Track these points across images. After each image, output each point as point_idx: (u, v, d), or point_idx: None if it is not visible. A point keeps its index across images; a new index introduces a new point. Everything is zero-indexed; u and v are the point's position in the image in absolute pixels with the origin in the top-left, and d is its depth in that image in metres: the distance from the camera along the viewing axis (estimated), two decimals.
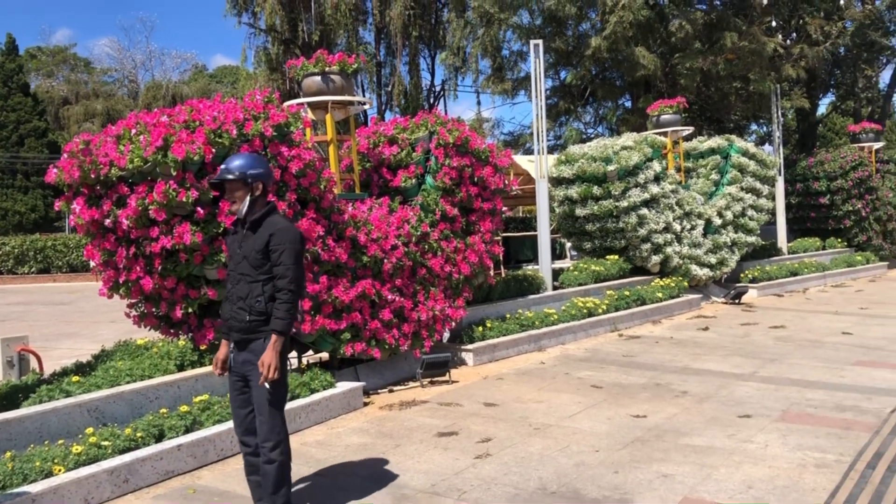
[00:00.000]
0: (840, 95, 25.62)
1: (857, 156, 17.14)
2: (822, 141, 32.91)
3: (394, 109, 27.53)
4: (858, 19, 19.89)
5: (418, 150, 8.37)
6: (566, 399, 6.85)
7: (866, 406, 6.36)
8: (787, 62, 17.52)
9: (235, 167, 4.08)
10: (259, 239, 4.03)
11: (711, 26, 17.10)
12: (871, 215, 17.40)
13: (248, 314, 3.99)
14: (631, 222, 11.96)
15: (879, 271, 17.31)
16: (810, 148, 22.71)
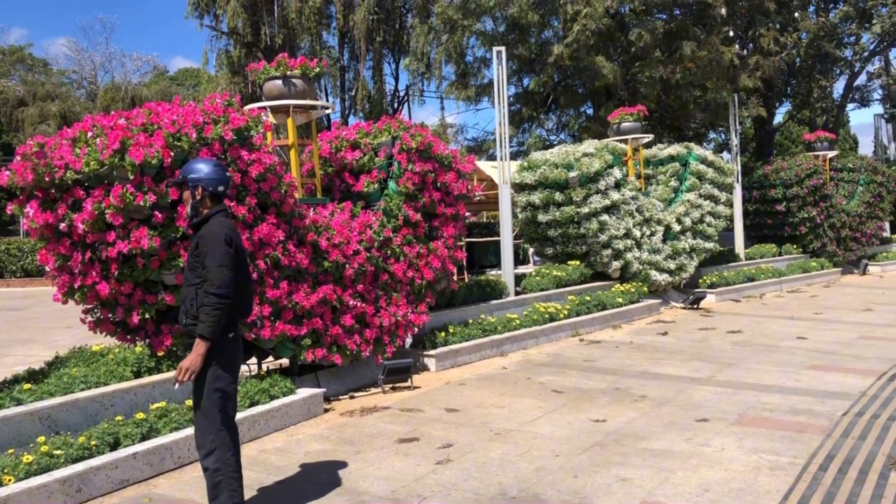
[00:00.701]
0: (796, 105, 26.18)
1: (812, 164, 17.52)
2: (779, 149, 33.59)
3: (357, 114, 27.48)
4: (812, 31, 20.37)
5: (381, 155, 8.35)
6: (527, 404, 6.89)
7: (819, 409, 6.49)
8: (745, 72, 17.86)
9: (183, 171, 4.20)
10: (193, 244, 4.09)
11: (671, 36, 17.37)
12: (826, 222, 17.79)
13: (185, 317, 4.05)
14: (592, 228, 12.07)
15: (833, 277, 17.70)
16: (767, 156, 23.16)
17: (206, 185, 4.13)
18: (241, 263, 4.10)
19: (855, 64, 23.92)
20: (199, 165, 4.18)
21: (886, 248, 20.67)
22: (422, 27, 19.48)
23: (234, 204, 6.23)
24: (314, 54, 24.96)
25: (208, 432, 4.01)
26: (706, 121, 20.49)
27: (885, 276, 18.56)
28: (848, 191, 19.03)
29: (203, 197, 4.14)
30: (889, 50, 25.04)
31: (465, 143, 22.58)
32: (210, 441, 4.00)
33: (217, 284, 3.90)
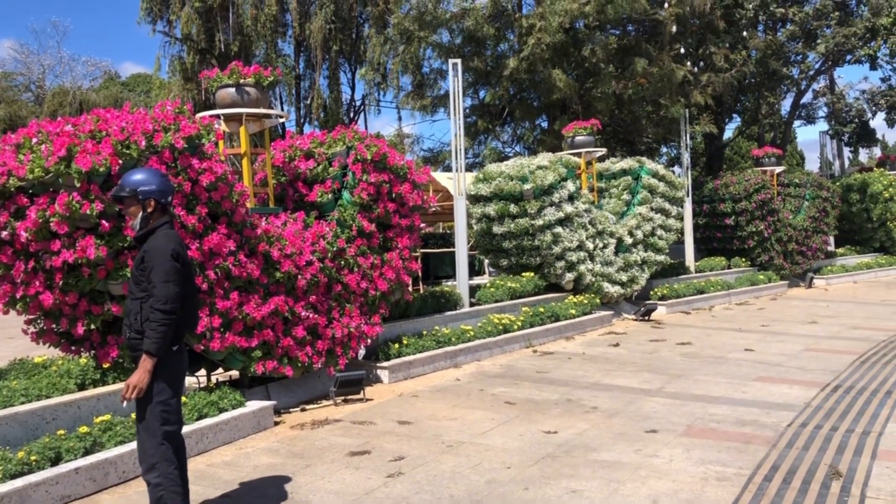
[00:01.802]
0: (745, 121, 26.79)
1: (760, 179, 17.93)
2: (729, 164, 34.39)
3: (313, 122, 27.31)
4: (761, 49, 20.89)
5: (335, 165, 8.31)
6: (480, 416, 6.89)
7: (765, 420, 6.62)
8: (696, 88, 18.23)
9: (128, 183, 4.07)
10: (139, 256, 4.03)
11: (624, 52, 17.65)
12: (773, 236, 18.20)
13: (129, 331, 3.99)
14: (546, 240, 12.17)
15: (780, 290, 18.11)
16: (717, 170, 23.63)
17: (157, 198, 4.09)
18: (187, 277, 4.05)
19: (801, 82, 24.60)
20: (148, 177, 4.10)
21: (831, 262, 21.23)
22: (378, 37, 19.47)
23: (184, 213, 6.13)
24: (269, 62, 24.77)
25: (150, 446, 3.96)
26: (658, 135, 20.83)
27: (830, 289, 19.06)
28: (794, 206, 19.51)
29: (154, 209, 4.09)
30: (833, 69, 25.82)
31: (421, 154, 22.60)
32: (152, 455, 3.94)
33: (163, 300, 3.85)
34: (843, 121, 25.80)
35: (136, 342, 3.94)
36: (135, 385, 3.83)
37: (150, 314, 3.86)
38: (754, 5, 20.68)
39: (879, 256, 22.76)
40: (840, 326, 12.34)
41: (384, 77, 23.38)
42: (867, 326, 12.26)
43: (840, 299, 16.48)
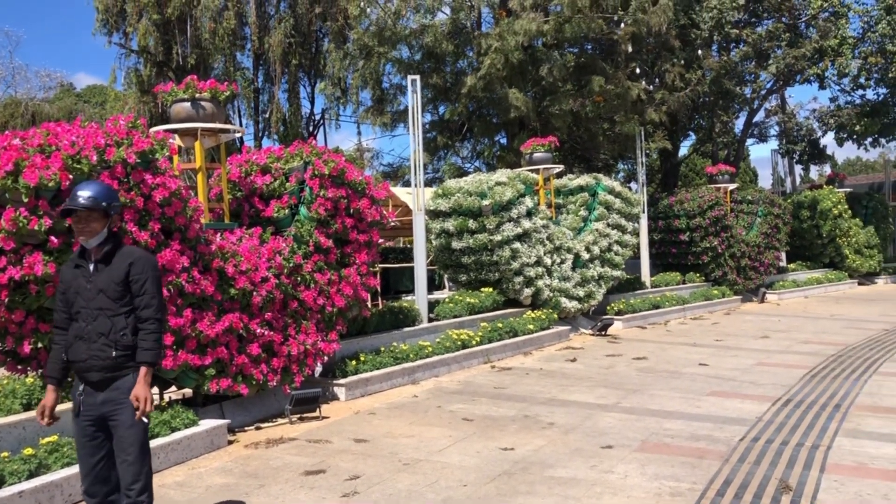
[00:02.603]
0: (700, 139, 27.35)
1: (714, 196, 18.27)
2: (684, 180, 34.95)
3: (272, 136, 27.13)
4: (715, 69, 21.36)
5: (292, 181, 8.26)
6: (437, 433, 6.87)
7: (718, 435, 6.71)
8: (651, 106, 18.55)
9: (94, 195, 3.88)
10: (117, 270, 3.89)
11: (581, 70, 17.90)
12: (727, 252, 18.54)
13: (114, 350, 3.82)
14: (504, 256, 12.22)
15: (734, 304, 18.43)
16: (672, 187, 24.04)
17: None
18: None
19: (754, 101, 25.19)
20: (112, 191, 4.02)
21: (783, 277, 21.69)
22: (338, 52, 19.47)
23: (136, 229, 6.03)
24: (228, 75, 24.57)
25: (144, 465, 3.88)
26: (615, 152, 21.14)
27: (782, 303, 19.45)
28: (747, 222, 19.92)
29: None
30: (784, 89, 26.52)
31: (381, 169, 22.58)
32: (146, 475, 3.88)
33: (162, 310, 3.95)
34: (794, 139, 26.47)
35: (121, 359, 3.84)
36: (145, 396, 3.80)
37: (145, 325, 3.87)
38: (709, 26, 21.15)
39: (829, 272, 23.31)
40: (791, 341, 12.60)
41: (344, 92, 23.36)
42: (817, 341, 12.53)
43: (791, 314, 16.83)
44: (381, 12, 17.49)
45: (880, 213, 25.48)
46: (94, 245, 3.90)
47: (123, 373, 3.85)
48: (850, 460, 5.97)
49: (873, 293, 21.92)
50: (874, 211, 25.24)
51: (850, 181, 31.47)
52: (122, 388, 3.85)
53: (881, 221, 25.36)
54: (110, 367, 3.84)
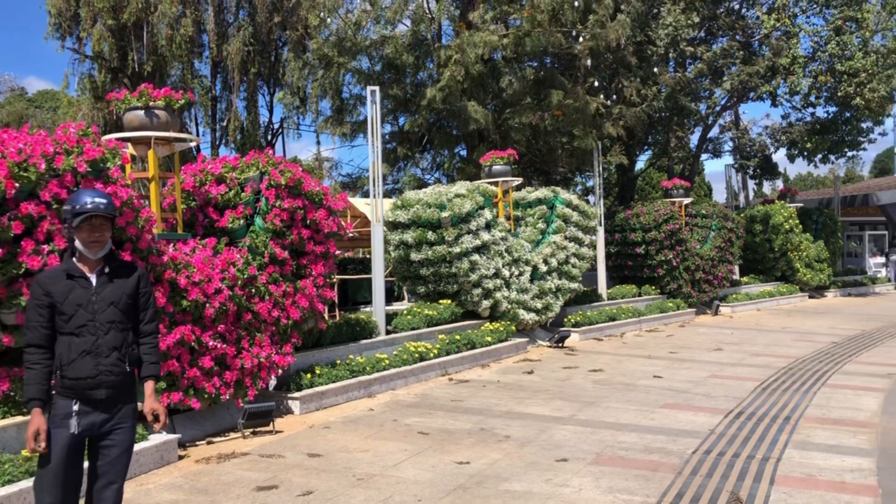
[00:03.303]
0: (656, 153, 27.74)
1: (669, 210, 18.55)
2: (641, 194, 35.44)
3: (229, 145, 26.84)
4: (671, 85, 21.72)
5: (248, 191, 8.16)
6: (392, 447, 6.81)
7: (671, 448, 6.78)
8: (609, 121, 18.78)
9: (108, 202, 3.77)
10: (128, 283, 3.85)
11: (540, 84, 18.05)
12: (681, 265, 18.81)
13: (126, 364, 3.77)
14: (463, 268, 12.23)
15: (688, 317, 18.69)
16: (629, 200, 24.34)
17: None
18: None
19: (708, 117, 25.67)
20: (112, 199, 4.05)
21: (736, 290, 22.07)
22: (297, 62, 19.34)
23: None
24: (185, 83, 24.25)
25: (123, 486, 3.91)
26: (573, 166, 21.33)
27: (735, 316, 19.78)
28: (701, 236, 20.24)
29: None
30: (738, 105, 27.07)
31: (340, 179, 22.46)
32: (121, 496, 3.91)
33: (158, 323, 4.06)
34: (748, 155, 27.01)
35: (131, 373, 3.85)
36: (162, 409, 3.88)
37: (151, 339, 3.94)
38: (665, 43, 21.51)
39: (781, 285, 23.79)
40: (743, 353, 12.80)
41: (303, 101, 23.20)
42: (769, 353, 12.76)
43: (744, 326, 17.12)
44: (342, 22, 17.46)
45: (830, 227, 26.11)
46: (101, 255, 3.80)
47: (129, 389, 3.83)
48: (798, 472, 6.07)
49: (823, 306, 22.43)
50: (824, 225, 25.86)
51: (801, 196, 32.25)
52: (127, 409, 3.84)
53: (831, 236, 25.98)
54: (121, 383, 3.77)
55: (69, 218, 3.73)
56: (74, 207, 3.70)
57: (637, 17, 19.72)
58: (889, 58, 23.37)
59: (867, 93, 23.10)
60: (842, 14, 23.54)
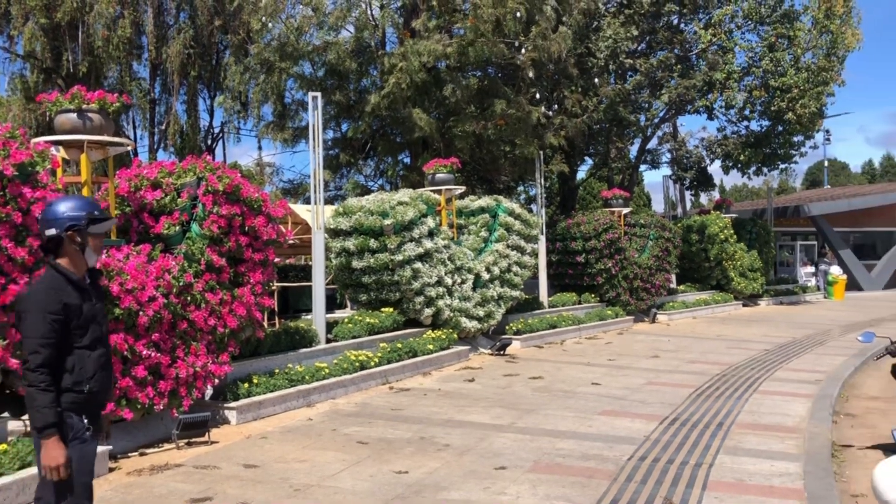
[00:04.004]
0: (596, 164, 28.19)
1: (609, 219, 18.85)
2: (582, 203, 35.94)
3: (168, 149, 26.31)
4: (611, 97, 22.12)
5: (184, 196, 8.01)
6: (331, 457, 6.75)
7: (607, 454, 6.87)
8: (550, 131, 19.02)
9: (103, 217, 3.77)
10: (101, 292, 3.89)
11: (484, 93, 18.18)
12: (620, 273, 19.12)
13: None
14: (406, 275, 12.21)
15: (626, 325, 19.01)
16: (571, 210, 24.66)
17: None
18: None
19: (647, 129, 26.20)
20: None
21: (673, 299, 22.52)
22: (238, 66, 19.07)
23: (12, 245, 5.70)
24: (123, 85, 23.69)
25: None
26: (516, 175, 21.53)
27: (672, 324, 20.20)
28: (640, 245, 20.62)
29: None
30: (676, 118, 27.71)
31: (281, 185, 22.21)
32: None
33: None
34: (685, 166, 27.65)
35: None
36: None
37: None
38: (605, 55, 21.91)
39: (716, 293, 24.38)
40: (679, 360, 13.08)
41: (244, 105, 22.89)
42: (703, 360, 13.06)
43: (680, 334, 17.49)
44: (284, 27, 17.30)
45: (763, 237, 26.88)
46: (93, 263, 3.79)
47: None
48: (730, 477, 6.22)
49: (756, 314, 23.07)
50: (758, 236, 26.61)
51: (736, 207, 33.18)
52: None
53: (764, 246, 26.74)
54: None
55: (82, 224, 3.62)
56: (93, 213, 3.68)
57: (578, 30, 20.04)
58: (819, 75, 24.23)
59: (799, 108, 23.90)
60: (775, 31, 24.33)
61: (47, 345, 3.43)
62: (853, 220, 35.09)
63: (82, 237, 3.64)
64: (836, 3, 24.45)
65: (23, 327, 3.50)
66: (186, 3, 25.36)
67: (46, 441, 3.41)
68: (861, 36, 25.47)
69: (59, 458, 3.40)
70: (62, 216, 3.62)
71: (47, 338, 3.44)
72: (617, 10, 22.76)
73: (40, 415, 3.41)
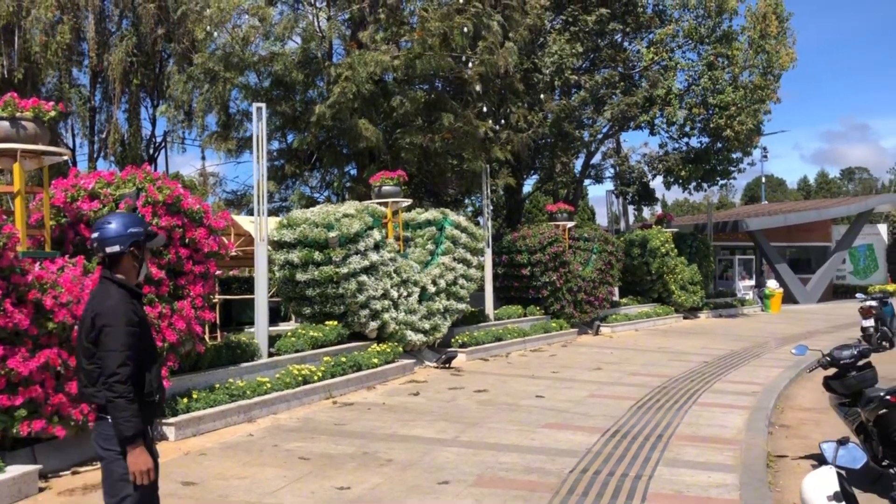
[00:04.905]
0: (542, 178, 28.50)
1: (554, 233, 19.08)
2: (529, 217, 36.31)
3: (108, 158, 25.73)
4: (556, 112, 22.43)
5: (122, 207, 7.83)
6: (271, 473, 6.65)
7: (550, 467, 6.92)
8: (497, 145, 19.16)
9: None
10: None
11: (431, 106, 18.25)
12: (565, 286, 19.35)
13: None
14: (351, 288, 12.14)
15: (570, 337, 19.22)
16: (517, 223, 24.88)
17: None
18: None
19: (591, 144, 26.63)
20: None
21: (616, 311, 22.87)
22: (181, 75, 18.76)
23: None
24: (62, 92, 23.09)
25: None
26: (463, 188, 21.62)
27: (615, 336, 20.49)
28: (584, 258, 20.91)
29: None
30: (619, 133, 28.23)
31: (224, 196, 21.87)
32: None
33: None
34: (627, 181, 28.17)
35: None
36: None
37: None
38: (550, 71, 22.22)
39: (657, 306, 24.83)
40: (621, 373, 13.27)
41: (188, 115, 22.52)
42: (645, 373, 13.27)
43: (623, 346, 17.76)
44: (230, 37, 17.10)
45: (703, 251, 27.52)
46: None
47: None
48: (668, 489, 6.33)
49: (696, 327, 23.57)
50: (697, 250, 27.22)
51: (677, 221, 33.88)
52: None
53: (704, 259, 27.36)
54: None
55: (142, 240, 3.83)
56: (147, 230, 3.88)
57: (524, 46, 20.28)
58: (756, 93, 25.01)
59: (736, 125, 24.60)
60: (714, 50, 25.02)
61: (132, 357, 3.61)
62: (789, 236, 36.23)
63: (141, 252, 3.86)
64: (771, 24, 25.30)
65: (106, 341, 3.59)
66: (129, 11, 24.92)
67: (136, 449, 3.57)
68: (795, 55, 26.39)
69: (149, 462, 3.62)
70: (125, 233, 3.77)
71: (131, 349, 3.61)
72: (562, 27, 23.11)
73: (131, 424, 3.54)
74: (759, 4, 25.78)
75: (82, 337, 3.72)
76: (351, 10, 17.80)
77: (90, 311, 3.71)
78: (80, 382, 3.80)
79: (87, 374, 3.69)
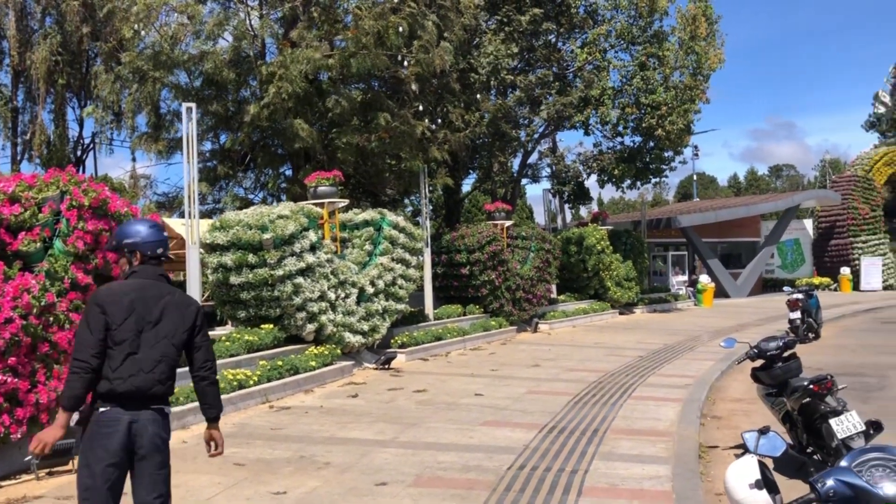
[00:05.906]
0: (480, 177, 28.68)
1: (492, 232, 19.20)
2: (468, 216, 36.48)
3: (33, 160, 24.87)
4: (492, 112, 22.58)
5: (45, 211, 7.56)
6: (205, 480, 6.52)
7: (487, 465, 6.95)
8: (434, 144, 19.18)
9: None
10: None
11: (367, 106, 18.16)
12: (503, 285, 19.49)
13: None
14: (286, 291, 11.99)
15: (510, 335, 19.37)
16: (456, 222, 24.95)
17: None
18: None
19: (528, 144, 26.90)
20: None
21: (553, 308, 23.13)
22: (109, 75, 18.24)
23: None
24: None
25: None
26: (401, 188, 21.59)
27: (553, 332, 20.73)
28: (522, 256, 21.10)
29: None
30: (555, 133, 28.58)
31: (155, 199, 21.36)
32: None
33: None
34: (563, 180, 28.52)
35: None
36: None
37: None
38: (486, 71, 22.34)
39: (594, 302, 25.24)
40: (559, 369, 13.43)
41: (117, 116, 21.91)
42: (582, 368, 13.46)
43: (560, 343, 17.98)
44: (158, 36, 16.70)
45: (638, 248, 28.06)
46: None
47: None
48: (603, 482, 6.43)
49: (631, 322, 24.02)
50: (632, 247, 27.74)
51: (613, 219, 34.50)
52: None
53: (638, 256, 27.91)
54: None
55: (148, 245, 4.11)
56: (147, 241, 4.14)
57: (460, 46, 20.36)
58: (686, 93, 25.61)
59: (668, 125, 25.15)
60: (645, 51, 25.55)
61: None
62: (720, 231, 37.20)
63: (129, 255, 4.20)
64: (701, 25, 25.95)
65: (206, 332, 4.09)
66: (53, 8, 24.12)
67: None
68: (723, 57, 27.16)
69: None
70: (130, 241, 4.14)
71: None
72: (497, 28, 23.27)
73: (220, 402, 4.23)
74: (689, 6, 26.42)
75: (176, 329, 3.92)
76: (283, 8, 17.59)
77: (186, 304, 3.99)
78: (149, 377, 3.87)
79: (170, 367, 3.94)
